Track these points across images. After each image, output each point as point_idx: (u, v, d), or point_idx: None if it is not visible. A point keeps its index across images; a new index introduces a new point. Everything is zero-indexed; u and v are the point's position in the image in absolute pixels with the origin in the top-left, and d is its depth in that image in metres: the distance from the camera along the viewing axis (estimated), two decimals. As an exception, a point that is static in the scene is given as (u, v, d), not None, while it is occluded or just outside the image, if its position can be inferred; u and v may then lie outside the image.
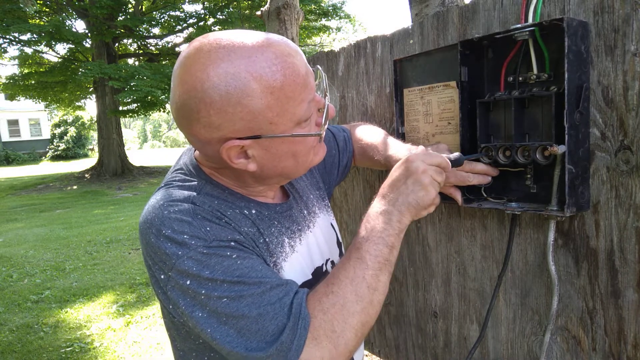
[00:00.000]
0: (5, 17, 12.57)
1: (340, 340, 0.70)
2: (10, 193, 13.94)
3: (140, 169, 17.09)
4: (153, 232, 0.72)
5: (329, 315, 0.71)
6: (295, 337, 0.68)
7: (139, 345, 3.24)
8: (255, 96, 0.67)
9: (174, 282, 0.70)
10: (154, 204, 0.76)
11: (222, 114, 0.68)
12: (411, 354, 1.50)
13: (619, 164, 0.92)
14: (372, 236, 0.78)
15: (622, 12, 0.89)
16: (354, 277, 0.74)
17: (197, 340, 0.79)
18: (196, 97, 0.67)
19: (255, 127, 0.70)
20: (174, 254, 0.69)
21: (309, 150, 0.78)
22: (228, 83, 0.66)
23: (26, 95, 17.31)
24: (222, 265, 0.69)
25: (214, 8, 15.59)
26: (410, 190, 0.81)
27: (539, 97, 0.98)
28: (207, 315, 0.69)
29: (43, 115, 32.65)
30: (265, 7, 4.72)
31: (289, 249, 0.84)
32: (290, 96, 0.70)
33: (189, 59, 0.69)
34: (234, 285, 0.69)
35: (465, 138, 1.10)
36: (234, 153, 0.72)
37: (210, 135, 0.71)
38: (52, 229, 7.69)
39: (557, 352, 1.08)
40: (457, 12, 1.20)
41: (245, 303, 0.68)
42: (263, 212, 0.83)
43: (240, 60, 0.67)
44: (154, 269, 0.74)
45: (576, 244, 1.01)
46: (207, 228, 0.71)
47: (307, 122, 0.75)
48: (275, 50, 0.69)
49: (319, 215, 0.97)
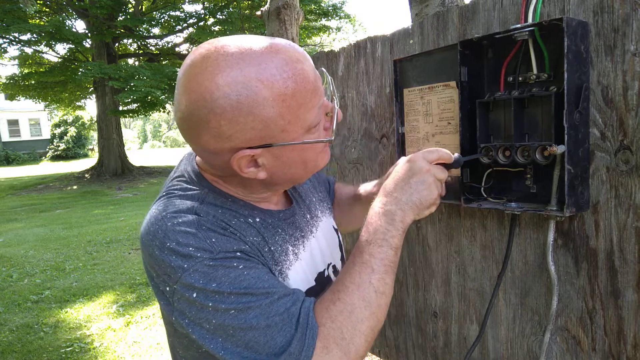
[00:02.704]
0: (5, 17, 12.57)
1: (351, 347, 0.70)
2: (10, 193, 13.94)
3: (140, 169, 17.09)
4: (156, 245, 0.70)
5: (338, 322, 0.70)
6: (303, 348, 0.67)
7: (139, 345, 3.24)
8: (267, 105, 0.66)
9: (179, 294, 0.69)
10: (156, 215, 0.74)
11: (233, 124, 0.66)
12: (411, 354, 1.50)
13: (619, 164, 0.92)
14: (376, 238, 0.77)
15: (621, 12, 0.89)
16: (361, 282, 0.73)
17: (199, 349, 0.78)
18: (205, 107, 0.66)
19: (267, 136, 0.69)
20: (179, 267, 0.68)
21: (317, 156, 0.78)
22: (239, 92, 0.65)
23: (26, 95, 17.31)
24: (228, 277, 0.68)
25: (214, 8, 15.59)
26: (414, 189, 0.80)
27: (538, 97, 0.98)
28: (214, 328, 0.68)
29: (43, 115, 32.65)
30: (265, 7, 4.72)
31: (293, 257, 0.83)
32: (302, 103, 0.69)
33: (195, 67, 0.67)
34: (242, 296, 0.68)
35: (465, 138, 1.10)
36: (244, 163, 0.71)
37: (220, 145, 0.69)
38: (52, 229, 7.69)
39: (556, 352, 1.08)
40: (457, 12, 1.20)
41: (253, 315, 0.67)
42: (267, 220, 0.82)
43: (250, 68, 0.65)
44: (157, 280, 0.72)
45: (576, 244, 1.01)
46: (213, 239, 0.70)
47: (316, 127, 0.74)
48: (284, 57, 0.68)
49: (322, 218, 0.97)
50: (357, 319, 0.71)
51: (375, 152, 1.56)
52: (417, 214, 0.81)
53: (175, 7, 15.93)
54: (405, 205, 0.79)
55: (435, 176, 0.82)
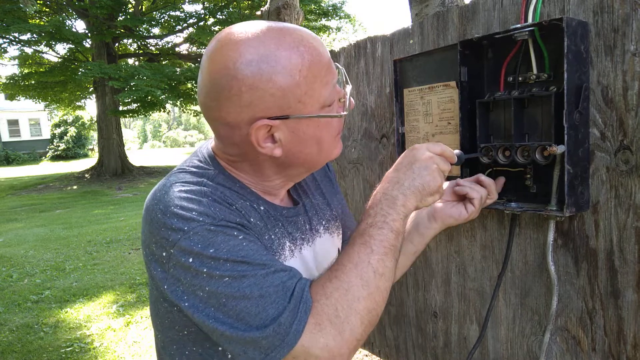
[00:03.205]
0: (5, 17, 12.57)
1: (345, 326, 0.68)
2: (10, 193, 13.94)
3: (140, 169, 17.09)
4: (160, 209, 0.72)
5: (332, 299, 0.69)
6: (294, 320, 0.66)
7: (139, 345, 3.24)
8: (285, 73, 0.70)
9: (175, 260, 0.69)
10: (164, 183, 0.77)
11: (253, 91, 0.69)
12: (411, 354, 1.50)
13: (619, 164, 0.92)
14: (376, 221, 0.76)
15: (621, 12, 0.89)
16: (359, 261, 0.72)
17: (181, 331, 0.77)
18: (228, 75, 0.69)
19: (285, 106, 0.72)
20: (179, 229, 0.69)
21: (331, 139, 0.80)
22: (260, 60, 0.69)
23: (26, 95, 17.31)
24: (227, 244, 0.68)
25: (214, 8, 15.59)
26: (417, 174, 0.80)
27: (538, 97, 0.98)
28: (207, 297, 0.67)
29: (43, 115, 32.64)
30: (265, 7, 4.72)
31: (289, 253, 0.83)
32: (317, 75, 0.73)
33: (219, 42, 0.72)
34: (238, 264, 0.67)
35: (465, 138, 1.11)
36: (262, 135, 0.73)
37: (239, 115, 0.72)
38: (52, 229, 7.69)
39: (556, 352, 1.08)
40: (457, 12, 1.20)
41: (247, 283, 0.67)
42: (270, 212, 0.82)
43: (270, 40, 0.70)
44: (154, 247, 0.72)
45: (576, 244, 1.01)
46: (217, 209, 0.72)
47: (330, 107, 0.77)
48: (301, 34, 0.73)
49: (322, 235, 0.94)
50: (354, 297, 0.70)
51: (375, 152, 1.56)
52: (420, 199, 0.81)
53: (175, 7, 15.94)
54: (408, 190, 0.79)
55: (438, 164, 0.82)
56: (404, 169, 0.82)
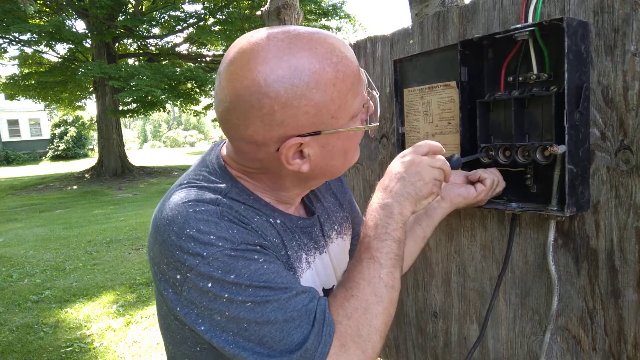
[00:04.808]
0: (5, 17, 12.57)
1: (368, 345, 0.69)
2: (10, 193, 13.94)
3: (140, 169, 17.09)
4: (174, 230, 0.68)
5: (353, 320, 0.70)
6: (320, 344, 0.66)
7: (139, 345, 3.24)
8: (319, 88, 0.65)
9: (191, 283, 0.67)
10: (176, 201, 0.71)
11: (287, 109, 0.65)
12: (411, 354, 1.50)
13: (619, 164, 0.92)
14: (378, 233, 0.77)
15: (622, 12, 0.89)
16: (371, 278, 0.73)
17: (193, 347, 0.76)
18: (259, 92, 0.64)
19: (318, 122, 0.68)
20: (197, 254, 0.66)
21: (356, 148, 0.78)
22: (292, 75, 0.64)
23: (26, 95, 17.32)
24: (248, 269, 0.66)
25: (213, 8, 15.59)
26: (408, 181, 0.80)
27: (539, 97, 0.98)
28: (226, 321, 0.66)
29: (43, 115, 32.63)
30: (265, 7, 4.72)
31: (305, 265, 0.82)
32: (350, 88, 0.69)
33: (246, 53, 0.66)
34: (260, 290, 0.66)
35: (465, 138, 1.11)
36: (292, 152, 0.69)
37: (269, 134, 0.67)
38: (52, 229, 7.69)
39: (557, 352, 1.08)
40: (457, 12, 1.20)
41: (270, 308, 0.66)
42: (286, 224, 0.80)
43: (302, 52, 0.65)
44: (166, 268, 0.69)
45: (576, 244, 1.01)
46: (234, 230, 0.69)
47: (357, 117, 0.74)
48: (332, 42, 0.68)
49: (335, 240, 0.94)
50: (372, 314, 0.71)
51: (375, 152, 1.56)
52: (415, 205, 0.81)
53: (175, 7, 15.94)
54: (401, 198, 0.80)
55: (429, 165, 0.82)
56: (395, 177, 0.82)
